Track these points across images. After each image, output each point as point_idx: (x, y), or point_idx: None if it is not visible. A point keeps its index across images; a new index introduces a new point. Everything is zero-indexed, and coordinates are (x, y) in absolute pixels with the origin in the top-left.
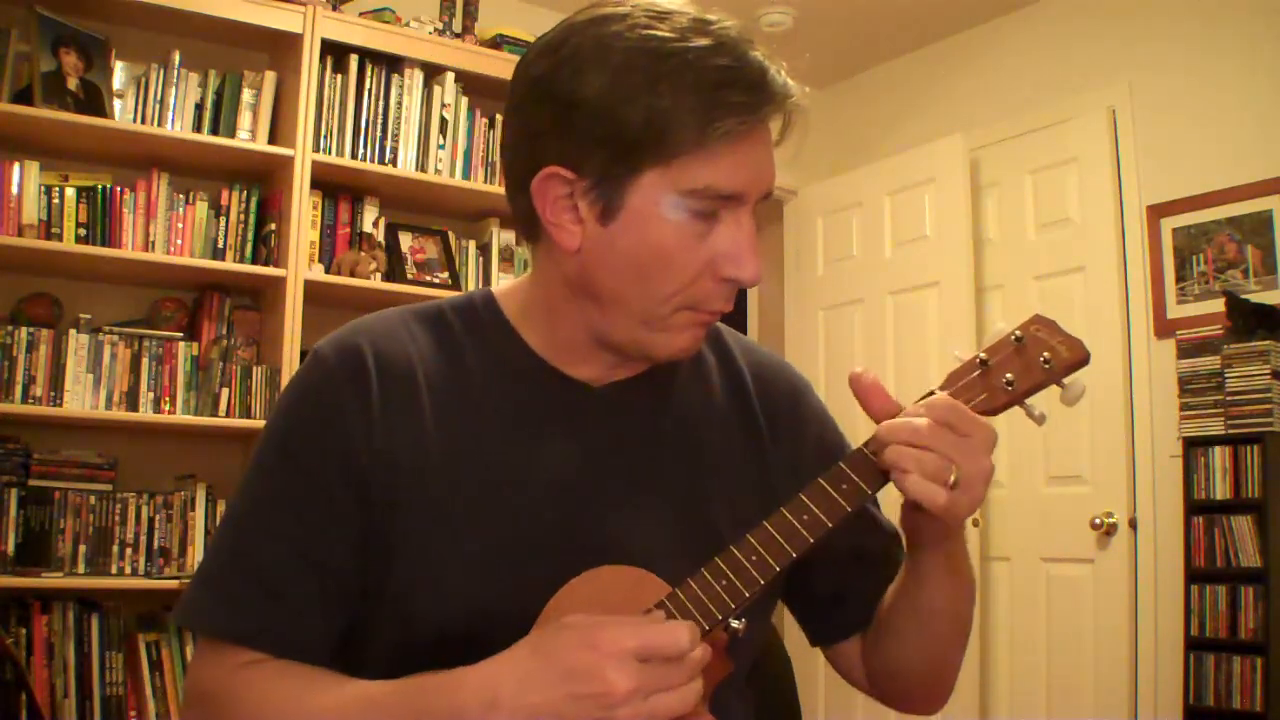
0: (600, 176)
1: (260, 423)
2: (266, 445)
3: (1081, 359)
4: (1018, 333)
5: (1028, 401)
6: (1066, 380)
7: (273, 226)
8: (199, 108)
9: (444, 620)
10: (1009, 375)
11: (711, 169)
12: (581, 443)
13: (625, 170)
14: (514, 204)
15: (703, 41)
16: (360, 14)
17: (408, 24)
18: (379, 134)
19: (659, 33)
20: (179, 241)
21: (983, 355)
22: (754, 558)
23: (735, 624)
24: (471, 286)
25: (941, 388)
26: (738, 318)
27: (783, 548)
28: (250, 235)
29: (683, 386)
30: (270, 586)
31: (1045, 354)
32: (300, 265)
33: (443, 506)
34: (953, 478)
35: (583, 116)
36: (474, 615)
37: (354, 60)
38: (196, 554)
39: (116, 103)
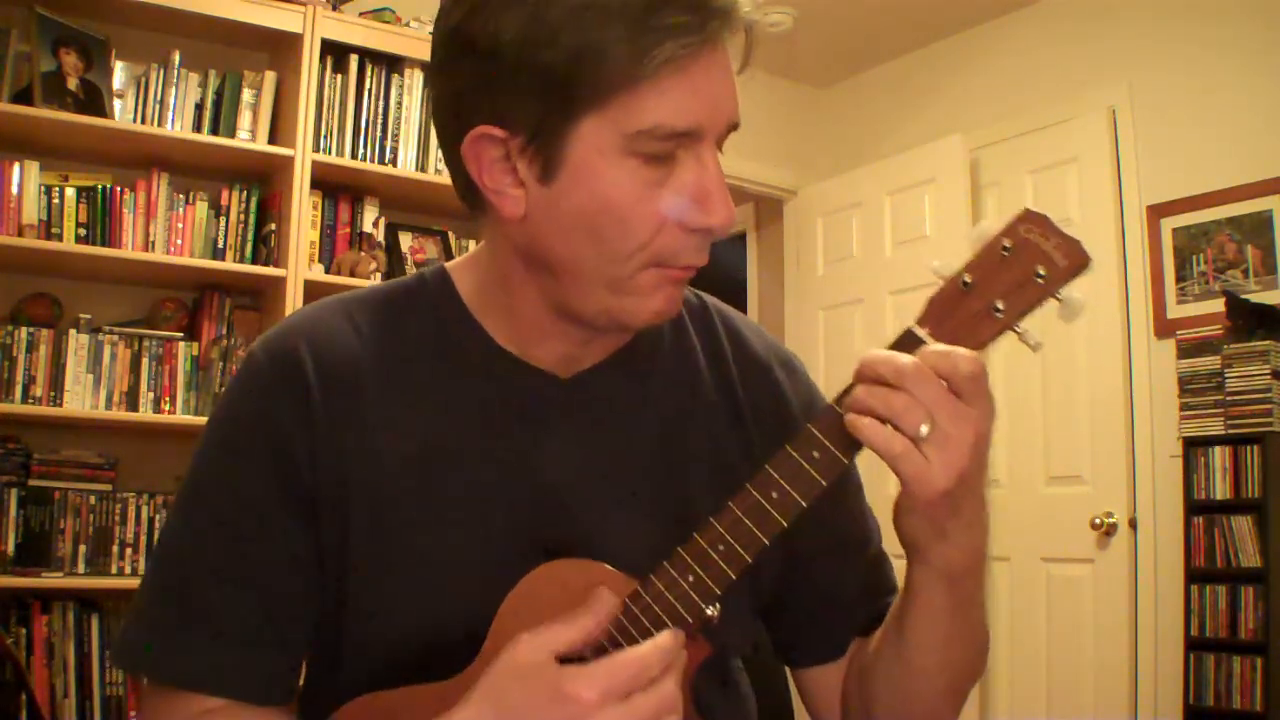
0: (534, 130)
1: None
2: (199, 464)
3: (1081, 263)
4: (1006, 242)
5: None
6: (1062, 293)
7: (273, 226)
8: (199, 108)
9: (408, 637)
10: (998, 302)
11: (657, 104)
12: (550, 440)
13: (560, 119)
14: (452, 176)
15: None
16: (360, 14)
17: (408, 24)
18: (379, 134)
19: None
20: (179, 241)
21: (966, 278)
22: (721, 547)
23: (709, 611)
24: None
25: (920, 320)
26: None
27: (752, 534)
28: (250, 235)
29: (663, 377)
30: (214, 624)
31: (1039, 267)
32: (300, 265)
33: (403, 515)
34: (925, 428)
35: (504, 64)
36: (441, 628)
37: (354, 60)
38: None
39: (116, 103)
